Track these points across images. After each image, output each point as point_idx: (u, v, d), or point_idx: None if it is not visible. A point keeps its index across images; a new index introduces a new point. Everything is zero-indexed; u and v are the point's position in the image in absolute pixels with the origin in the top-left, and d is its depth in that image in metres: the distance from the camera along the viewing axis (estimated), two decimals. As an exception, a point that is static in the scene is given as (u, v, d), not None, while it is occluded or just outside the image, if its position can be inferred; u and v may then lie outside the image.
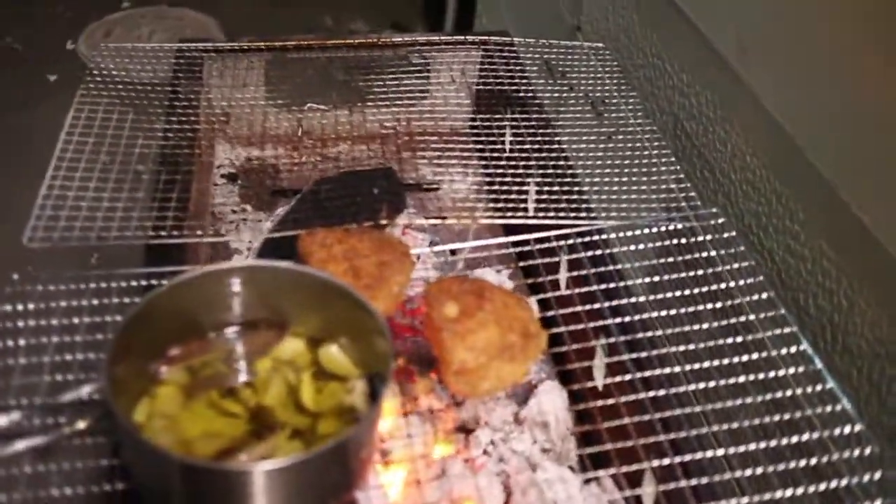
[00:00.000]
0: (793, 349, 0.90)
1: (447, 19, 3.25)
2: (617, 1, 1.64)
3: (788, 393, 0.85)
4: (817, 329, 1.08)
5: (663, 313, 0.94)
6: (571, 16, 1.87)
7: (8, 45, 3.10)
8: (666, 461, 0.80)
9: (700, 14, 1.33)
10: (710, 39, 1.30)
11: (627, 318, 0.94)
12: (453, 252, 1.21)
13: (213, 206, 1.26)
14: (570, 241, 1.03)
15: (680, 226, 1.04)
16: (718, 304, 0.94)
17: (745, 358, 0.89)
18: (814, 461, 0.80)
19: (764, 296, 0.95)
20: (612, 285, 0.98)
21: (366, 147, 1.42)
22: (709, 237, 1.02)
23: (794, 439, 0.81)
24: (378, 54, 1.41)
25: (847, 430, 0.81)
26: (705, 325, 0.92)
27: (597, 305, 0.96)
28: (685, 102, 1.40)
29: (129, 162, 1.12)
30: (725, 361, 0.88)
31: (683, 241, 1.03)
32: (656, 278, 0.97)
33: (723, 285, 0.97)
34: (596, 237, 1.03)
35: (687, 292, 0.95)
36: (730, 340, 0.91)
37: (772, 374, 0.87)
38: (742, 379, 0.86)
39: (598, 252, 1.02)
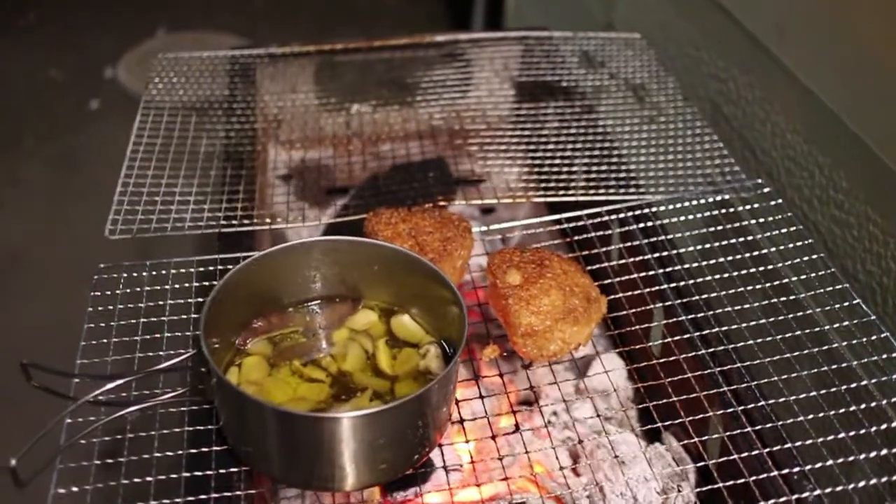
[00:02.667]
0: (845, 304, 0.93)
1: (474, 24, 3.31)
2: (648, -5, 1.69)
3: (844, 343, 0.89)
4: (867, 293, 1.11)
5: (717, 276, 0.97)
6: (604, 12, 1.91)
7: (50, 77, 3.21)
8: (730, 410, 0.84)
9: (735, 1, 1.37)
10: (746, 25, 1.34)
11: (682, 283, 0.98)
12: (503, 239, 1.26)
13: (271, 205, 1.31)
14: (622, 216, 1.07)
15: (727, 197, 1.08)
16: (770, 266, 0.98)
17: (798, 314, 0.92)
18: (873, 404, 0.83)
19: (813, 256, 0.99)
20: (664, 254, 1.01)
21: (413, 143, 1.47)
22: (756, 206, 1.06)
23: (853, 385, 0.84)
24: (423, 54, 1.47)
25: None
26: (758, 286, 0.96)
27: (651, 273, 0.99)
28: (722, 87, 1.44)
29: (195, 160, 1.18)
30: (780, 318, 0.92)
31: (731, 210, 1.07)
32: (707, 245, 1.01)
33: (773, 248, 1.00)
34: (646, 210, 1.07)
35: (738, 257, 0.99)
36: (783, 298, 0.94)
37: (826, 327, 0.91)
38: (797, 333, 0.90)
39: (650, 224, 1.06)
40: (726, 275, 0.97)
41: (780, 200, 1.06)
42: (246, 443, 0.79)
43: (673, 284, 0.98)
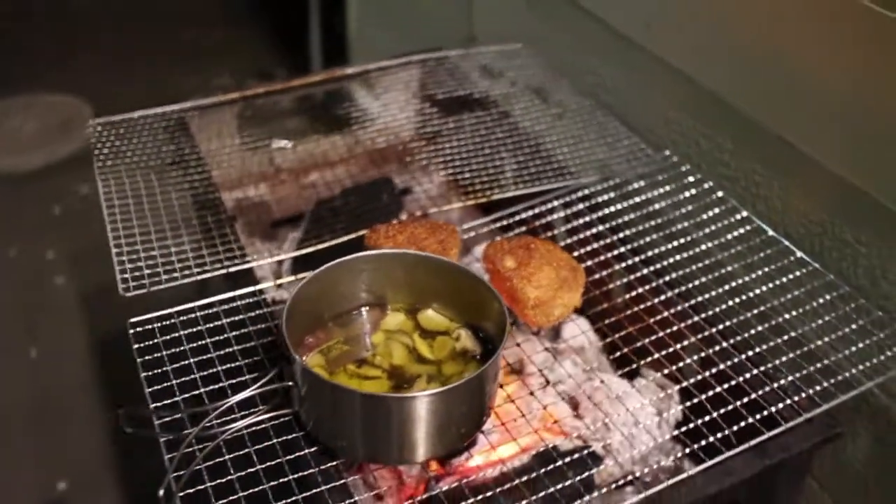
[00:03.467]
0: (762, 237, 1.17)
1: (313, 60, 3.42)
2: (506, 4, 1.90)
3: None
4: (760, 230, 1.37)
5: (660, 234, 1.19)
6: (464, 28, 2.11)
7: None
8: (706, 333, 1.05)
9: (601, 6, 1.60)
10: (614, 25, 1.58)
11: (636, 244, 1.18)
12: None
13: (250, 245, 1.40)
14: (566, 199, 1.27)
15: (647, 169, 1.30)
16: (698, 219, 1.21)
17: (731, 251, 1.15)
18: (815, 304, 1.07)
19: (730, 205, 1.22)
20: (614, 223, 1.22)
21: (337, 170, 1.60)
22: (672, 173, 1.29)
23: (788, 296, 1.08)
24: (336, 87, 1.60)
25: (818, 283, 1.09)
26: (694, 236, 1.18)
27: (608, 240, 1.19)
28: (599, 80, 1.67)
29: (172, 212, 1.25)
30: (719, 257, 1.14)
31: (653, 180, 1.29)
32: (644, 211, 1.22)
33: (696, 204, 1.23)
34: (586, 191, 1.27)
35: (672, 216, 1.21)
36: (716, 242, 1.17)
37: (755, 258, 1.14)
38: (736, 266, 1.13)
39: (593, 202, 1.26)
40: (667, 231, 1.19)
41: (688, 166, 1.29)
42: (339, 437, 0.90)
43: (629, 246, 1.18)
